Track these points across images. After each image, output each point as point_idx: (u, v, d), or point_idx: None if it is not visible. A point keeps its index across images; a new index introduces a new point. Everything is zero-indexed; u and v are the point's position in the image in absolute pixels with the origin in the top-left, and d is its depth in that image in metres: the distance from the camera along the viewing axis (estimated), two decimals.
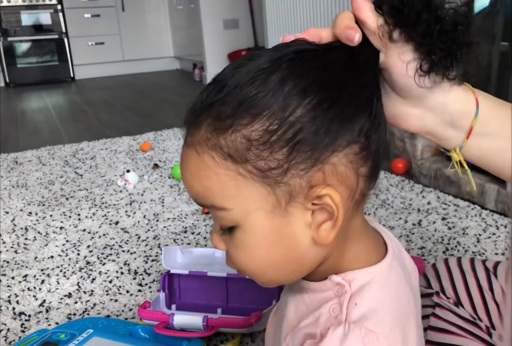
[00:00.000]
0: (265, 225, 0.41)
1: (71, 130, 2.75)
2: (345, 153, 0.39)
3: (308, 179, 0.39)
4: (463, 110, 0.45)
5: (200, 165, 0.40)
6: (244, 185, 0.39)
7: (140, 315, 0.89)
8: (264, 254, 0.42)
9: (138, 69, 5.21)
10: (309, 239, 0.41)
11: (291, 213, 0.40)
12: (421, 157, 1.65)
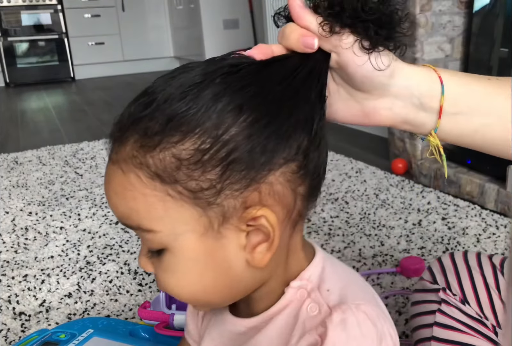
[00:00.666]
0: (196, 248, 0.38)
1: (71, 130, 2.76)
2: (282, 171, 0.37)
3: (243, 200, 0.37)
4: (429, 91, 0.44)
5: (125, 184, 0.37)
6: (174, 206, 0.37)
7: (140, 315, 0.89)
8: (194, 279, 0.39)
9: (138, 69, 5.21)
10: (243, 262, 0.39)
11: (224, 235, 0.38)
12: (421, 157, 1.66)
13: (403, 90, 0.44)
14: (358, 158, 1.89)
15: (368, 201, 1.49)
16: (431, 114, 0.45)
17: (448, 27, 1.59)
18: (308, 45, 0.40)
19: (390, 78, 0.43)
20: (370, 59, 0.41)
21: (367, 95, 0.44)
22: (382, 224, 1.33)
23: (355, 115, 0.45)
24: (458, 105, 0.45)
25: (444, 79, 0.44)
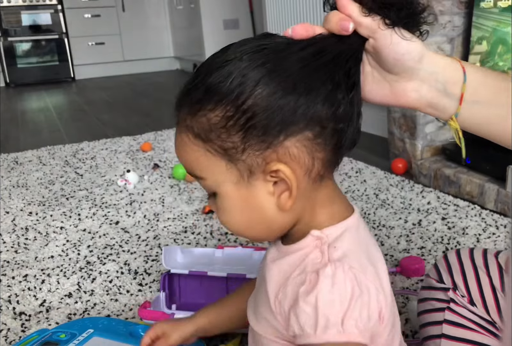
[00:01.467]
0: (233, 194, 0.47)
1: (72, 130, 2.76)
2: (298, 139, 0.44)
3: (263, 158, 0.45)
4: (452, 78, 0.49)
5: (181, 142, 0.48)
6: (212, 160, 0.46)
7: (140, 315, 0.90)
8: (237, 217, 0.49)
9: (138, 69, 5.21)
10: (273, 205, 0.47)
11: (254, 185, 0.47)
12: (421, 157, 1.66)
13: (430, 75, 0.49)
14: (358, 158, 1.89)
15: (368, 201, 1.49)
16: (453, 100, 0.50)
17: (448, 27, 1.59)
18: (344, 28, 0.46)
19: (419, 62, 0.48)
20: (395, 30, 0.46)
21: (398, 78, 0.49)
22: (382, 223, 1.33)
23: (386, 96, 0.51)
24: (477, 94, 0.49)
25: (467, 69, 0.49)
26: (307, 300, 0.44)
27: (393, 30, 0.46)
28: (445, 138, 1.68)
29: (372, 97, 0.52)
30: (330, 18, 0.46)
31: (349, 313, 0.44)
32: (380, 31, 0.46)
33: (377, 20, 0.45)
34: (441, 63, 0.49)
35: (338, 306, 0.44)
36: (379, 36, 0.46)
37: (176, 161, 1.98)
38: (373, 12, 0.45)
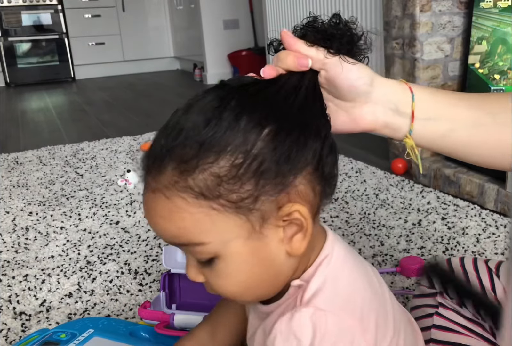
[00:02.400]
0: (243, 250, 0.44)
1: (72, 130, 2.76)
2: (303, 175, 0.44)
3: (276, 202, 0.43)
4: (402, 98, 0.52)
5: (171, 208, 0.42)
6: (219, 218, 0.42)
7: (140, 315, 0.90)
8: (244, 278, 0.45)
9: (139, 70, 5.21)
10: (283, 253, 0.45)
11: (265, 235, 0.44)
12: (421, 157, 1.66)
13: (382, 96, 0.52)
14: (358, 158, 1.89)
15: (368, 201, 1.49)
16: (405, 118, 0.52)
17: (448, 28, 1.60)
18: (303, 64, 0.48)
19: (370, 86, 0.51)
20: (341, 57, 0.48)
21: (353, 104, 0.52)
22: (382, 223, 1.33)
23: (345, 123, 0.53)
24: (427, 112, 0.52)
25: (414, 89, 0.52)
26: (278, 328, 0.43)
27: (340, 58, 0.48)
28: None
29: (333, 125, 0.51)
30: (283, 58, 0.48)
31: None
32: (329, 61, 0.48)
33: (321, 51, 0.48)
34: (390, 84, 0.52)
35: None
36: (330, 67, 0.49)
37: None
38: (317, 44, 0.48)
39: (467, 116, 0.52)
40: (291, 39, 0.49)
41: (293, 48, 0.49)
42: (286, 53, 0.49)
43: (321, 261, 0.47)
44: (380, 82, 0.51)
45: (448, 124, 0.52)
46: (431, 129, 0.52)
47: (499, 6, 1.47)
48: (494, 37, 1.50)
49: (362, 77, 0.50)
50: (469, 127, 0.52)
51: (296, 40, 0.49)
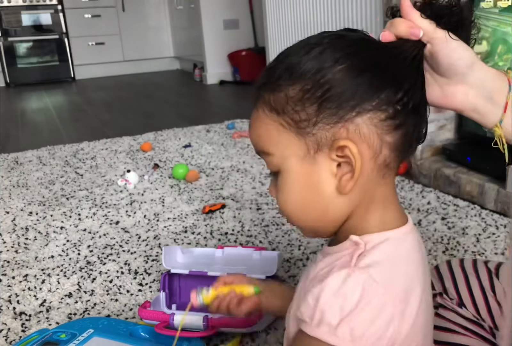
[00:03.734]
0: (297, 169, 0.49)
1: (72, 130, 2.76)
2: (369, 117, 0.46)
3: (333, 133, 0.47)
4: (498, 87, 0.53)
5: (257, 117, 0.51)
6: (283, 133, 0.48)
7: (140, 315, 0.90)
8: (295, 197, 0.50)
9: (139, 70, 5.21)
10: (333, 187, 0.48)
11: (318, 162, 0.48)
12: (421, 157, 1.66)
13: (478, 81, 0.53)
14: None
15: None
16: (497, 107, 0.53)
17: None
18: (414, 34, 0.50)
19: (470, 68, 0.52)
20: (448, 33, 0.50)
21: (449, 81, 0.53)
22: None
23: (436, 97, 0.54)
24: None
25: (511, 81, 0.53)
26: (313, 291, 0.46)
27: (447, 36, 0.50)
28: (445, 138, 1.68)
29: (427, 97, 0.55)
30: (397, 25, 0.51)
31: (347, 319, 0.44)
32: (437, 36, 0.50)
33: (433, 25, 0.50)
34: (489, 72, 0.53)
35: (337, 310, 0.44)
36: (437, 42, 0.50)
37: (176, 161, 1.98)
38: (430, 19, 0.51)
39: None
40: (409, 9, 0.51)
41: (409, 17, 0.51)
42: (401, 20, 0.51)
43: (389, 237, 0.49)
44: (481, 67, 0.52)
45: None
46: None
47: (499, 6, 1.47)
48: (494, 37, 1.50)
49: (462, 58, 0.51)
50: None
51: (413, 10, 0.51)
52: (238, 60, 4.12)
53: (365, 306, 0.44)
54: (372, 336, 0.44)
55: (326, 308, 0.45)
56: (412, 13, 0.51)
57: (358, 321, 0.44)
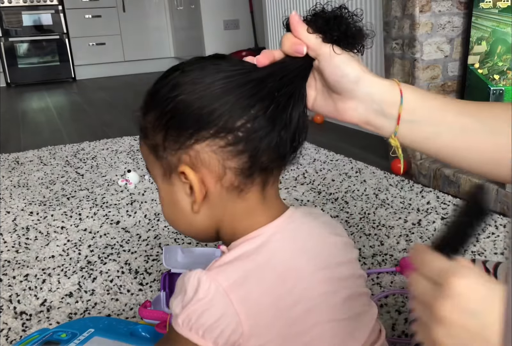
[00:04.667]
0: (162, 188, 0.54)
1: (72, 130, 2.76)
2: (207, 144, 0.48)
3: (177, 158, 0.50)
4: (390, 99, 0.53)
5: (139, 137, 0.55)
6: (150, 155, 0.53)
7: (141, 314, 0.90)
8: (166, 210, 0.56)
9: (139, 70, 5.21)
10: (189, 206, 0.52)
11: (174, 184, 0.52)
12: (421, 157, 1.66)
13: (366, 96, 0.53)
14: (358, 158, 1.89)
15: (367, 201, 1.49)
16: (390, 119, 0.53)
17: (447, 28, 1.60)
18: (298, 51, 0.51)
19: (355, 84, 0.52)
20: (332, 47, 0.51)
21: (339, 97, 0.54)
22: (381, 223, 1.33)
23: (332, 111, 0.56)
24: (413, 114, 0.53)
25: (405, 92, 0.53)
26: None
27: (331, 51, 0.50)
28: None
29: (322, 111, 0.56)
30: (284, 42, 0.52)
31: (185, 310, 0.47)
32: (322, 52, 0.51)
33: (320, 39, 0.51)
34: (379, 85, 0.53)
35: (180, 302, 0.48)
36: (322, 58, 0.51)
37: None
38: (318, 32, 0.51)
39: (454, 121, 0.52)
40: (297, 24, 0.52)
41: (296, 32, 0.52)
42: (287, 37, 0.52)
43: (250, 238, 0.51)
44: (369, 81, 0.52)
45: (433, 128, 0.53)
46: (415, 131, 0.53)
47: (499, 6, 1.47)
48: (494, 38, 1.50)
49: (347, 75, 0.51)
50: (455, 132, 0.52)
51: (300, 25, 0.52)
52: None
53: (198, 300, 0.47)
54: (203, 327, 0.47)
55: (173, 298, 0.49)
56: (298, 28, 0.52)
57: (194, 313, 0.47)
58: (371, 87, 0.52)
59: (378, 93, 0.53)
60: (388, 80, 0.54)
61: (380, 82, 0.53)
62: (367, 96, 0.53)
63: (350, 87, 0.52)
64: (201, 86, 0.48)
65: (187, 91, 0.48)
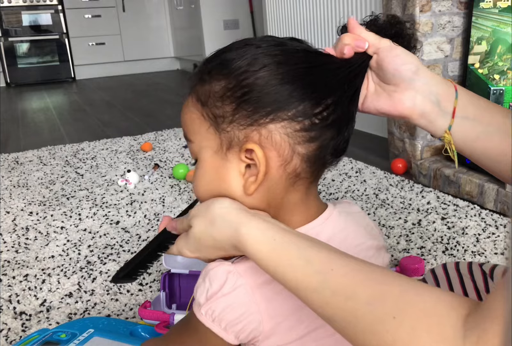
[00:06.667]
0: (209, 161, 0.50)
1: (72, 130, 2.76)
2: (283, 125, 0.47)
3: (245, 134, 0.48)
4: (445, 93, 0.54)
5: (186, 104, 0.53)
6: (203, 124, 0.50)
7: (140, 315, 0.90)
8: (205, 186, 0.52)
9: (139, 70, 5.21)
10: (240, 186, 0.50)
11: (229, 159, 0.49)
12: (421, 157, 1.66)
13: (424, 86, 0.54)
14: (358, 158, 1.89)
15: (368, 201, 1.49)
16: (444, 113, 0.54)
17: (447, 28, 1.60)
18: (360, 45, 0.53)
19: (415, 74, 0.53)
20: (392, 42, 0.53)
21: (396, 88, 0.54)
22: (381, 223, 1.33)
23: (385, 105, 0.55)
24: (466, 111, 0.54)
25: (457, 88, 0.54)
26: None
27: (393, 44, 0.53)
28: None
29: (374, 106, 0.57)
30: (343, 39, 0.53)
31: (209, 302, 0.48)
32: (382, 46, 0.53)
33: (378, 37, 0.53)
34: (435, 78, 0.54)
35: (204, 292, 0.48)
36: (382, 50, 0.53)
37: (176, 161, 1.98)
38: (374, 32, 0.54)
39: (503, 123, 0.53)
40: (355, 24, 0.54)
41: (355, 31, 0.54)
42: (347, 34, 0.53)
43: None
44: (426, 73, 0.54)
45: (484, 127, 0.53)
46: (466, 128, 0.54)
47: (499, 6, 1.47)
48: (494, 37, 1.50)
49: (407, 63, 0.53)
50: (503, 134, 0.52)
51: (359, 26, 0.54)
52: None
53: (223, 293, 0.47)
54: (226, 321, 0.47)
55: (197, 290, 0.49)
56: (357, 27, 0.54)
57: (218, 307, 0.48)
58: (430, 79, 0.54)
59: (435, 84, 0.54)
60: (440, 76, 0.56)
61: (435, 75, 0.55)
62: (425, 86, 0.53)
63: (409, 76, 0.53)
64: (286, 66, 0.48)
65: (270, 69, 0.47)
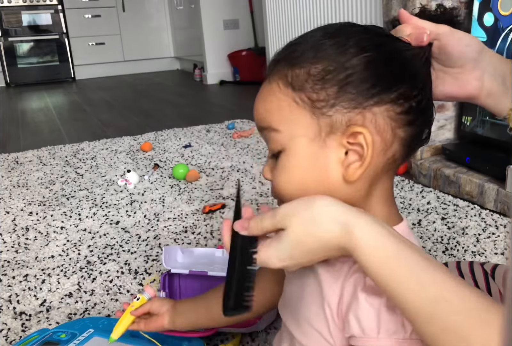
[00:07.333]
0: (304, 150, 0.47)
1: (72, 130, 2.76)
2: (386, 108, 0.46)
3: (349, 118, 0.45)
4: (509, 71, 0.54)
5: (269, 91, 0.49)
6: (296, 110, 0.47)
7: None
8: (298, 178, 0.48)
9: (139, 70, 5.21)
10: (339, 174, 0.47)
11: (328, 146, 0.46)
12: (421, 157, 1.66)
13: (489, 65, 0.54)
14: None
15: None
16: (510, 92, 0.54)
17: None
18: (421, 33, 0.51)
19: (480, 54, 0.54)
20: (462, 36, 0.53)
21: (461, 70, 0.55)
22: None
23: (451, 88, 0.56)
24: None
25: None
26: (370, 302, 0.44)
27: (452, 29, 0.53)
28: (445, 138, 1.68)
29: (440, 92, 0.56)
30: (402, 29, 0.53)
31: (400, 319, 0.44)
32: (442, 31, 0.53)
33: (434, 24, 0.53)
34: (498, 57, 0.55)
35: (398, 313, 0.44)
36: (443, 36, 0.53)
37: (176, 161, 1.98)
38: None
39: None
40: (409, 15, 0.54)
41: (411, 21, 0.53)
42: (405, 25, 0.53)
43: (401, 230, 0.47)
44: (490, 52, 0.55)
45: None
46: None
47: None
48: None
49: (471, 45, 0.53)
50: None
51: (412, 16, 0.54)
52: (238, 60, 4.13)
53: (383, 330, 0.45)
54: None
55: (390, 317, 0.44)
56: (412, 18, 0.54)
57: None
58: (494, 58, 0.55)
59: (499, 63, 0.55)
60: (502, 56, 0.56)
61: (498, 54, 0.56)
62: (490, 65, 0.54)
63: (474, 56, 0.54)
64: (382, 48, 0.47)
65: (368, 50, 0.46)
